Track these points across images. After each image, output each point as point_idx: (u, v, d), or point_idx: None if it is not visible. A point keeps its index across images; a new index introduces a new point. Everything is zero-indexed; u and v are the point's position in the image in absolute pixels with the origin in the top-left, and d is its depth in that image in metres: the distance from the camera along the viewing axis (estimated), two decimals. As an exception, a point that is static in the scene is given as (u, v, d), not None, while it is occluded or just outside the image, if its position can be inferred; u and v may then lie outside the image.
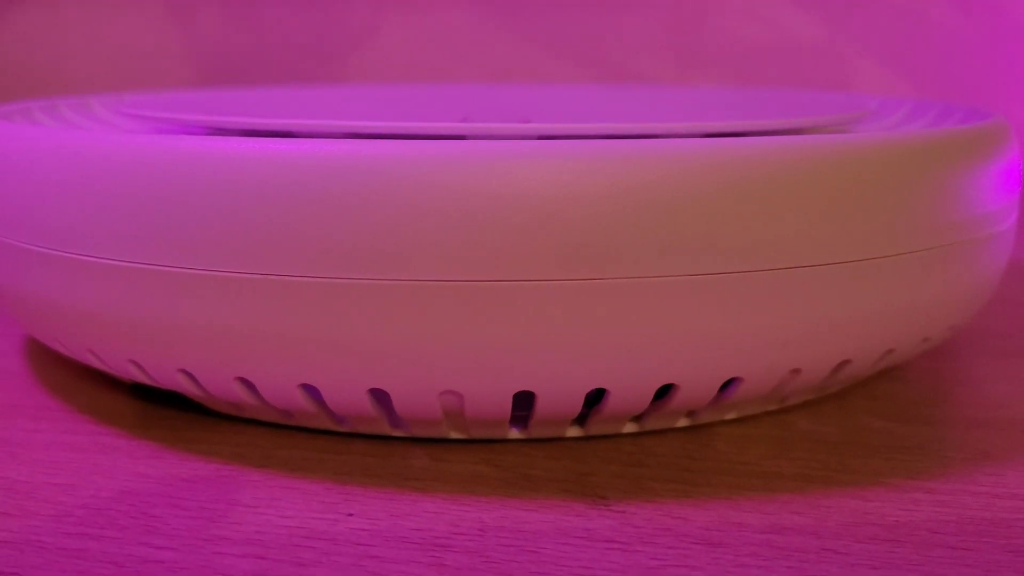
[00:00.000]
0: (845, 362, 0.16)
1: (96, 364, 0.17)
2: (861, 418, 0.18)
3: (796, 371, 0.16)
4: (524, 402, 0.15)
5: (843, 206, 0.15)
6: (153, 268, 0.15)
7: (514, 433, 0.17)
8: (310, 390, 0.16)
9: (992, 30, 0.53)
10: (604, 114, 0.24)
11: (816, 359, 0.16)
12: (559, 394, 0.15)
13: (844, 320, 0.16)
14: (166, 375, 0.16)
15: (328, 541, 0.14)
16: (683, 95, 0.28)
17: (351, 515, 0.15)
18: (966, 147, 0.17)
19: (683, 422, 0.17)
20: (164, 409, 0.18)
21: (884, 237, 0.16)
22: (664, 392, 0.16)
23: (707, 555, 0.13)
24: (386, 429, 0.17)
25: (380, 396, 0.15)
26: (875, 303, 0.16)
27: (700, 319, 0.15)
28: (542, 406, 0.15)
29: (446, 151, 0.14)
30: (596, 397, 0.16)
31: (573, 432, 0.17)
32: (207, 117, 0.19)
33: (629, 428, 0.17)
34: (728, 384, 0.16)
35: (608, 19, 0.57)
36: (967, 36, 0.54)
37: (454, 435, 0.17)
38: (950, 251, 0.17)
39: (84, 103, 0.24)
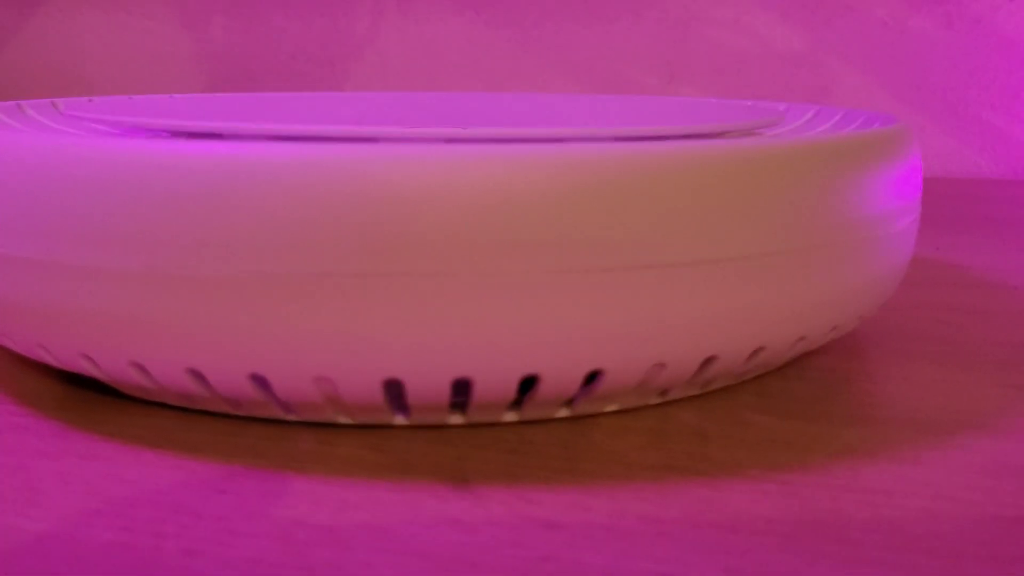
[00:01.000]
0: (712, 358, 0.17)
1: (16, 350, 0.18)
2: (744, 413, 0.19)
3: (660, 365, 0.16)
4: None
5: (705, 206, 0.16)
6: (49, 261, 0.16)
7: (399, 420, 0.18)
8: (198, 375, 0.16)
9: (973, 40, 0.53)
10: (531, 120, 0.24)
11: (681, 355, 0.17)
12: (427, 383, 0.16)
13: (708, 317, 0.16)
14: (71, 359, 0.17)
15: (193, 515, 0.15)
16: (622, 103, 0.29)
17: (223, 492, 0.15)
18: (840, 152, 0.17)
19: (563, 412, 0.18)
20: (86, 393, 0.19)
21: (751, 236, 0.16)
22: (530, 383, 0.16)
23: (543, 535, 0.14)
24: (278, 413, 0.18)
25: (261, 381, 0.16)
26: (742, 301, 0.16)
27: (560, 314, 0.15)
28: (413, 394, 0.16)
29: (322, 153, 0.15)
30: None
31: (456, 420, 0.18)
32: (134, 119, 0.20)
33: (509, 417, 0.18)
34: (594, 377, 0.17)
35: (597, 29, 0.58)
36: (948, 46, 0.54)
37: (342, 420, 0.18)
38: (823, 252, 0.17)
39: (51, 105, 0.25)
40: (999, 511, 0.15)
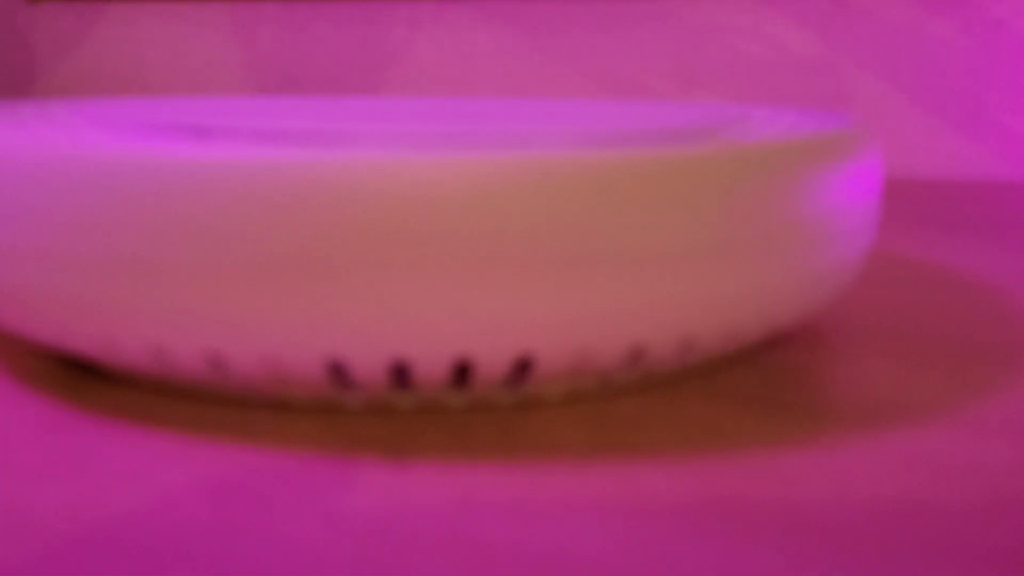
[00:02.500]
0: (640, 349, 0.18)
1: (30, 333, 0.20)
2: (684, 403, 0.20)
3: (587, 354, 0.17)
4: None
5: (626, 206, 0.17)
6: (40, 250, 0.17)
7: (352, 401, 0.19)
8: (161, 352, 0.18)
9: (992, 45, 0.52)
10: (496, 122, 0.25)
11: (607, 344, 0.17)
12: (367, 365, 0.17)
13: (634, 308, 0.17)
14: (54, 339, 0.19)
15: (138, 482, 0.16)
16: (592, 107, 0.29)
17: (173, 461, 0.17)
18: (773, 155, 0.18)
19: (509, 400, 0.19)
20: (79, 373, 0.21)
21: (676, 235, 0.17)
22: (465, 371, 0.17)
23: (450, 512, 0.15)
24: (241, 393, 0.19)
25: (217, 360, 0.18)
26: (669, 295, 0.17)
27: (491, 301, 0.16)
28: (353, 374, 0.17)
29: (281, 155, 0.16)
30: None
31: (405, 404, 0.19)
32: (117, 118, 0.22)
33: (455, 402, 0.19)
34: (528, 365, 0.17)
35: (618, 37, 0.58)
36: (967, 51, 0.53)
37: (299, 401, 0.19)
38: (750, 250, 0.18)
39: (47, 108, 0.27)
40: (901, 501, 0.16)
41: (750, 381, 0.21)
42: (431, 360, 0.17)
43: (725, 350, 0.20)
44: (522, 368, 0.18)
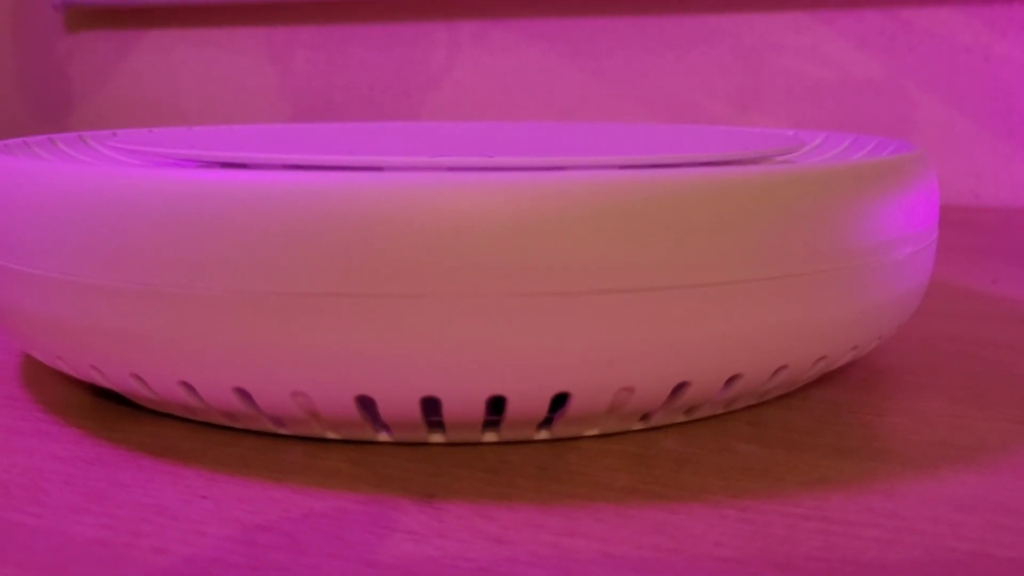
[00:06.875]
0: (684, 384, 0.17)
1: (63, 367, 0.20)
2: (730, 441, 0.19)
3: (629, 390, 0.17)
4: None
5: (669, 234, 0.16)
6: (62, 279, 0.17)
7: (383, 436, 0.18)
8: (189, 387, 0.18)
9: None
10: (555, 149, 0.25)
11: (650, 380, 0.17)
12: (395, 401, 0.17)
13: (679, 342, 0.16)
14: (83, 370, 0.19)
15: (170, 517, 0.16)
16: (652, 132, 0.29)
17: (204, 498, 0.16)
18: (840, 180, 0.18)
19: (543, 435, 0.18)
20: (109, 404, 0.21)
21: (724, 263, 0.16)
22: (500, 404, 0.17)
23: (488, 548, 0.15)
24: (270, 427, 0.19)
25: (244, 395, 0.17)
26: (719, 326, 0.17)
27: (526, 336, 0.16)
28: (383, 410, 0.17)
29: (325, 181, 0.16)
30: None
31: (437, 438, 0.18)
32: (157, 150, 0.21)
33: (488, 438, 0.18)
34: (562, 399, 0.17)
35: (671, 58, 0.58)
36: None
37: (329, 435, 0.18)
38: (807, 280, 0.17)
39: (80, 138, 0.27)
40: (955, 544, 0.15)
41: (800, 420, 0.20)
42: (463, 398, 0.17)
43: (772, 387, 0.19)
44: (560, 405, 0.17)
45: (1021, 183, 0.54)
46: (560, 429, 0.18)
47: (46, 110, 0.74)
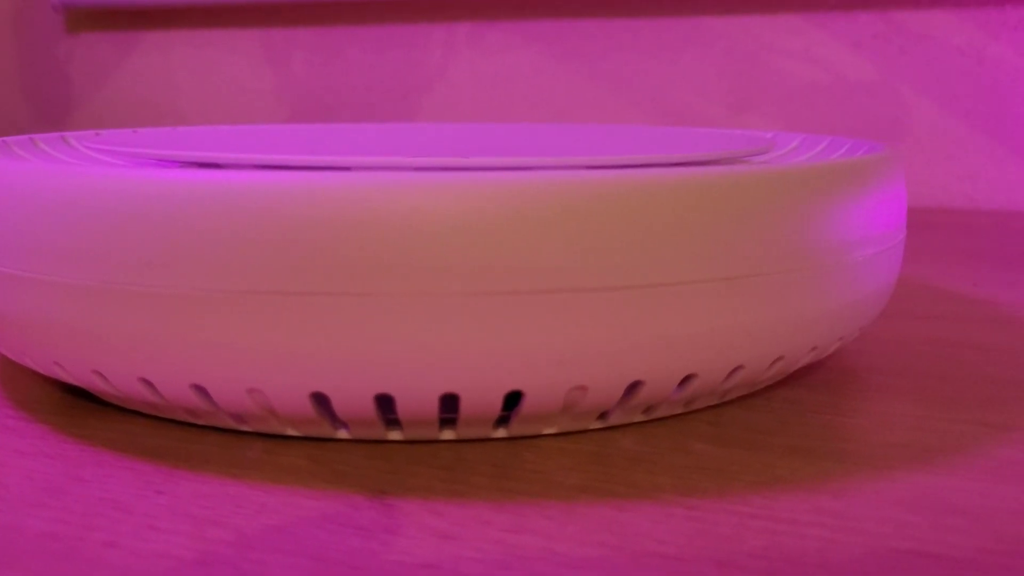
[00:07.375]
0: (637, 383, 0.17)
1: (30, 364, 0.20)
2: (687, 441, 0.19)
3: (582, 388, 0.17)
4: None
5: (614, 235, 0.16)
6: (35, 277, 0.17)
7: (342, 433, 0.18)
8: (148, 383, 0.18)
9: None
10: (533, 150, 0.25)
11: (603, 379, 0.17)
12: (352, 398, 0.17)
13: (630, 342, 0.17)
14: (47, 367, 0.19)
15: (124, 512, 0.16)
16: (634, 133, 0.29)
17: (161, 493, 0.17)
18: (801, 181, 0.18)
19: (500, 433, 0.19)
20: (79, 401, 0.21)
21: (676, 263, 0.17)
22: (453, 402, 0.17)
23: (433, 544, 0.15)
24: (230, 423, 0.19)
25: (202, 391, 0.17)
26: (671, 327, 0.17)
27: (478, 334, 0.16)
28: (337, 407, 0.17)
29: (293, 181, 0.16)
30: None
31: (395, 436, 0.18)
32: (133, 150, 0.22)
33: (447, 435, 0.18)
34: (516, 397, 0.17)
35: (665, 60, 0.58)
36: None
37: (290, 432, 0.19)
38: (767, 279, 0.17)
39: (62, 139, 0.27)
40: (897, 544, 0.15)
41: (760, 420, 0.20)
42: (417, 395, 0.17)
43: (731, 387, 0.19)
44: (515, 403, 0.17)
45: (1014, 186, 0.54)
46: (517, 427, 0.18)
47: (46, 111, 0.75)
